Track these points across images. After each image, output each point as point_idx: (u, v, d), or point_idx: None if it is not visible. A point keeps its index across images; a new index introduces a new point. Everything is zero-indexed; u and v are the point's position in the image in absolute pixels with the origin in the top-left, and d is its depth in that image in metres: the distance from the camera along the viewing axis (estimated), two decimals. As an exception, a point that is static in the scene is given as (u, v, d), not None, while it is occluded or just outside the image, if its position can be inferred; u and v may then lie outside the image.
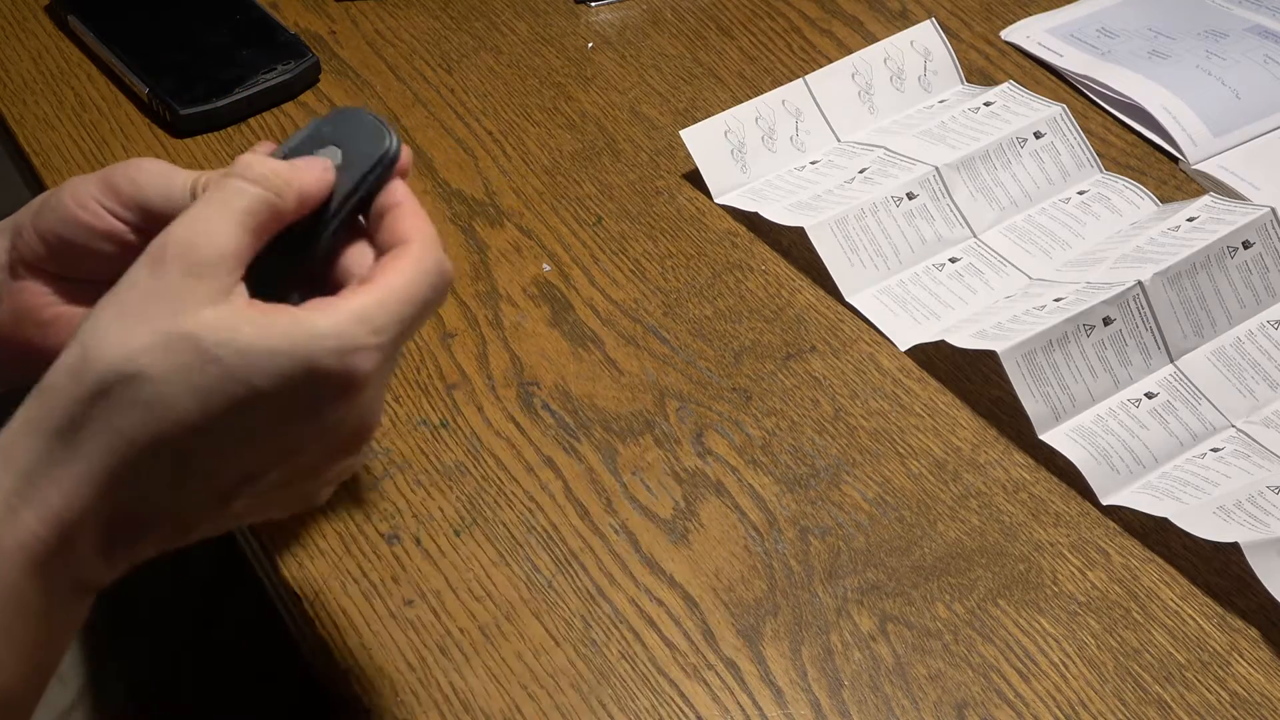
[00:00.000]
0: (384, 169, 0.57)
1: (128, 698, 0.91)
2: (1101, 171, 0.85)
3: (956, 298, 0.79)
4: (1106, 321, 0.74)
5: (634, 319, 0.79)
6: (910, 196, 0.81)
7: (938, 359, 0.77)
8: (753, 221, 0.84)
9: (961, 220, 0.82)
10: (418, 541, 0.69)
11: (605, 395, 0.74)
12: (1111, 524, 0.70)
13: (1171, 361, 0.75)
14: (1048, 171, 0.84)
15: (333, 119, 0.58)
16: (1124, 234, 0.81)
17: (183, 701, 0.93)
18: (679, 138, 0.87)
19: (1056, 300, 0.75)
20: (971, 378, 0.76)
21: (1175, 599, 0.67)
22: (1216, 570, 0.68)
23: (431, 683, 0.63)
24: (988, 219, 0.82)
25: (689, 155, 0.86)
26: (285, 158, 0.57)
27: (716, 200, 0.85)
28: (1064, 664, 0.64)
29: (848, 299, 0.79)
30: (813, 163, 0.87)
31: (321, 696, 0.68)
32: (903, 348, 0.77)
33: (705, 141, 0.86)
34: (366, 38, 0.96)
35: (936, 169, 0.82)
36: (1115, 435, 0.72)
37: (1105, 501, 0.70)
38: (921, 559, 0.68)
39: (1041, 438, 0.72)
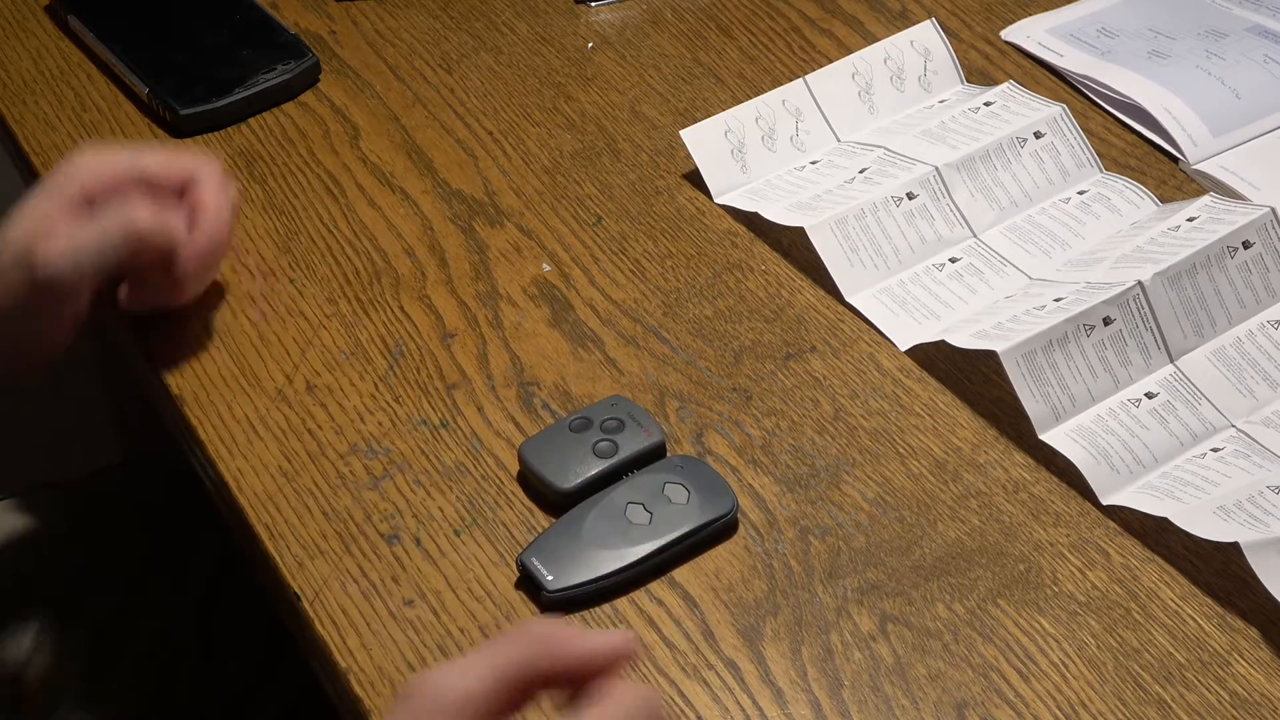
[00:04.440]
0: (723, 527, 0.68)
1: (127, 698, 0.91)
2: (1101, 171, 0.85)
3: (956, 298, 0.79)
4: (1106, 321, 0.74)
5: (634, 319, 0.79)
6: (910, 196, 0.81)
7: (938, 359, 0.77)
8: (753, 221, 0.84)
9: (961, 220, 0.82)
10: (418, 541, 0.69)
11: (606, 395, 0.74)
12: (1111, 524, 0.70)
13: (1171, 361, 0.75)
14: (1048, 171, 0.84)
15: (683, 463, 0.69)
16: (1124, 234, 0.81)
17: (183, 701, 0.93)
18: (679, 138, 0.87)
19: (1056, 300, 0.75)
20: (971, 378, 0.76)
21: (1175, 599, 0.67)
22: (1216, 570, 0.68)
23: (431, 683, 0.63)
24: (988, 219, 0.82)
25: (689, 155, 0.86)
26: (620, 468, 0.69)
27: (716, 200, 0.85)
28: (1064, 664, 0.64)
29: (848, 299, 0.79)
30: (813, 163, 0.87)
31: (321, 696, 0.68)
32: (903, 348, 0.77)
33: (705, 141, 0.86)
34: (366, 38, 0.96)
35: (936, 169, 0.82)
36: (1115, 435, 0.72)
37: (1105, 501, 0.70)
38: (921, 559, 0.68)
39: (1042, 437, 0.72)
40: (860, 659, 0.64)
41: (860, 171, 0.84)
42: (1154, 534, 0.69)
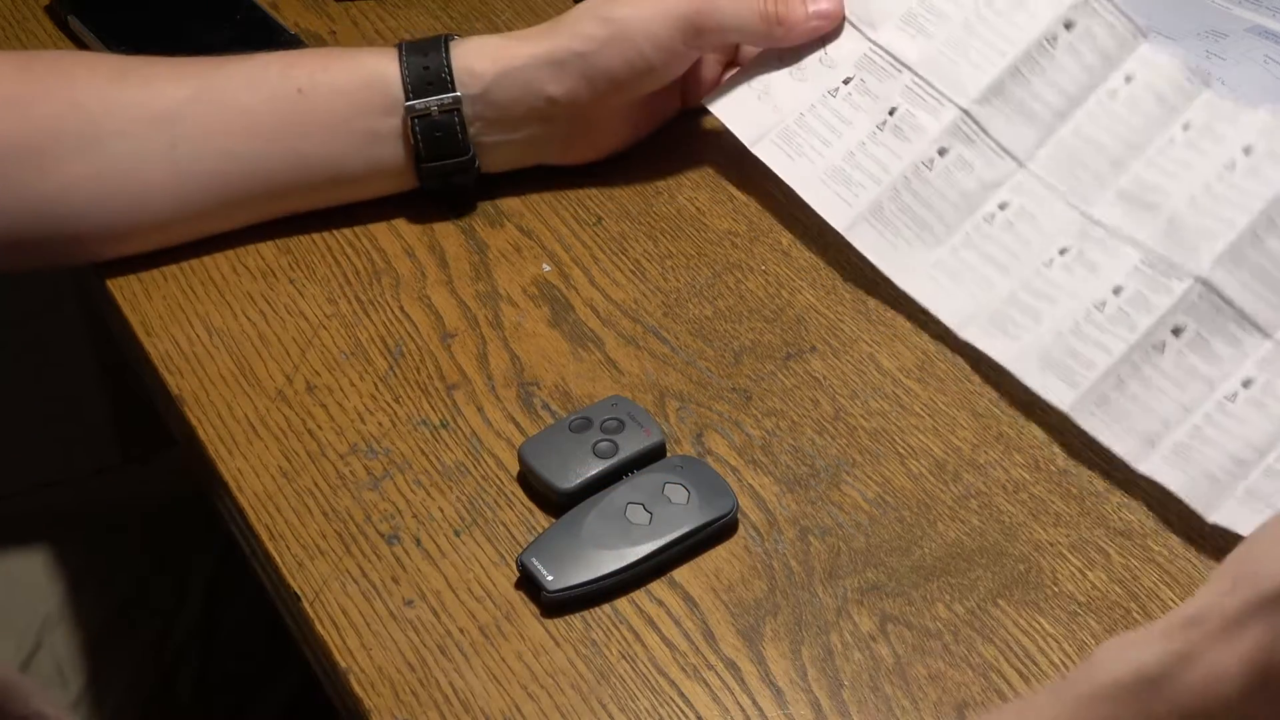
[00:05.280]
0: (723, 527, 0.68)
1: (128, 698, 0.91)
2: (1145, 38, 0.78)
3: (1010, 254, 0.75)
4: (1177, 332, 0.70)
5: (634, 319, 0.79)
6: (942, 153, 0.78)
7: (938, 359, 0.77)
8: (753, 221, 0.84)
9: (1003, 152, 0.78)
10: (418, 541, 0.69)
11: (605, 396, 0.74)
12: (1112, 524, 0.70)
13: (1269, 337, 0.69)
14: (1087, 63, 0.78)
15: (683, 463, 0.70)
16: (1176, 155, 0.75)
17: (183, 701, 0.93)
18: (679, 136, 0.87)
19: (1116, 292, 0.71)
20: (972, 377, 0.76)
21: (1175, 600, 0.67)
22: (1217, 570, 0.68)
23: (431, 683, 0.63)
24: (1031, 140, 0.78)
25: (689, 153, 0.86)
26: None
27: (752, 149, 0.83)
28: (1064, 664, 0.64)
29: (899, 285, 0.77)
30: (845, 80, 0.83)
31: (321, 696, 0.68)
32: (961, 334, 0.75)
33: (730, 99, 0.84)
34: (367, 38, 0.96)
35: (965, 111, 0.78)
36: (1214, 444, 0.68)
37: (1212, 520, 0.67)
38: (921, 559, 0.68)
39: (1140, 470, 0.69)
40: (860, 659, 0.64)
41: (890, 114, 0.80)
42: (1155, 535, 0.69)
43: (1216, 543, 0.68)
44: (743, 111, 0.84)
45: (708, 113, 0.88)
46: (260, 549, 0.69)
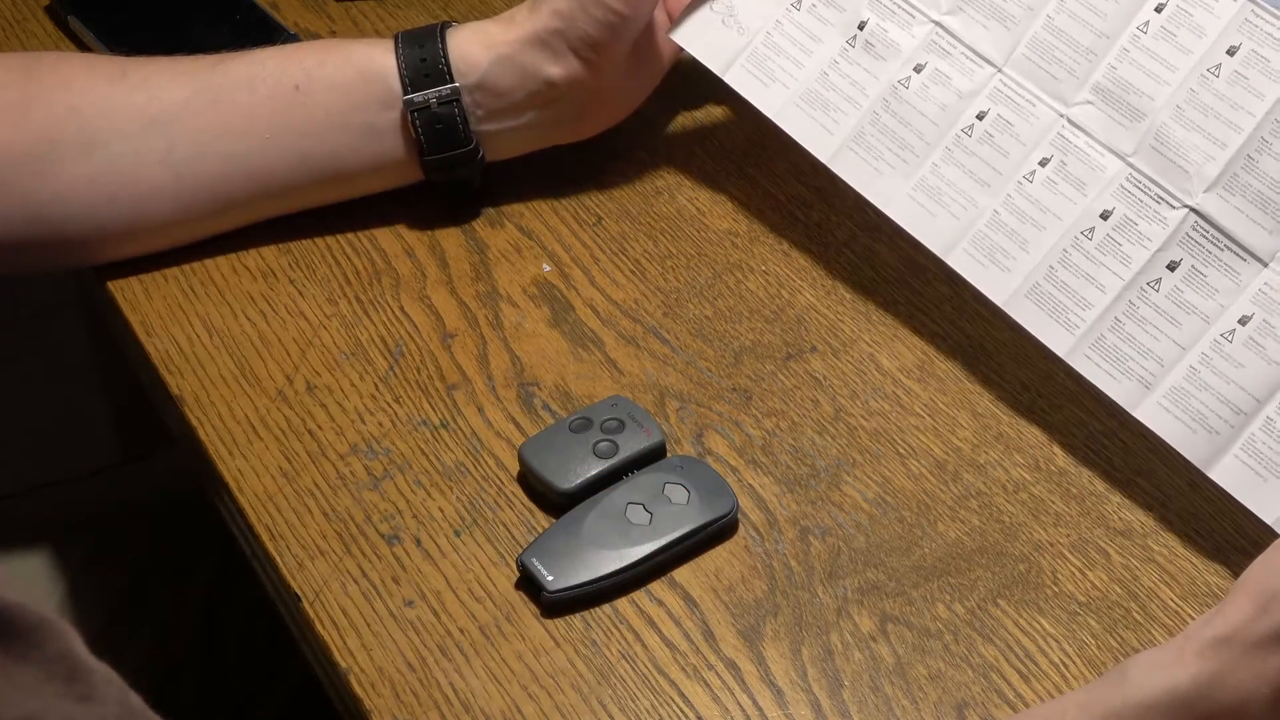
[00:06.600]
0: (723, 527, 0.68)
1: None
2: None
3: (990, 168, 0.74)
4: (1172, 267, 0.68)
5: (634, 319, 0.79)
6: (918, 69, 0.77)
7: (938, 359, 0.77)
8: (753, 221, 0.84)
9: (979, 59, 0.76)
10: (418, 542, 0.69)
11: (605, 396, 0.74)
12: (1112, 524, 0.70)
13: (1266, 265, 0.67)
14: None
15: (683, 463, 0.70)
16: (1150, 33, 0.71)
17: (183, 702, 0.93)
18: (679, 136, 0.87)
19: (1104, 217, 0.70)
20: (972, 377, 0.76)
21: (1175, 599, 0.67)
22: (1216, 571, 0.68)
23: (431, 683, 0.64)
24: (1006, 44, 0.75)
25: (689, 153, 0.86)
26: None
27: (724, 77, 0.82)
28: (1064, 664, 0.64)
29: (882, 209, 0.77)
30: None
31: (321, 696, 0.68)
32: (946, 259, 0.74)
33: (694, 27, 0.82)
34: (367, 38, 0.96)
35: (938, 24, 0.77)
36: (1209, 390, 0.66)
37: (1211, 474, 0.66)
38: (921, 559, 0.68)
39: (1135, 415, 0.68)
40: (860, 659, 0.64)
41: (860, 28, 0.79)
42: (1155, 534, 0.69)
43: (1216, 542, 0.68)
44: (708, 37, 0.82)
45: (708, 112, 0.88)
46: (260, 549, 0.69)
